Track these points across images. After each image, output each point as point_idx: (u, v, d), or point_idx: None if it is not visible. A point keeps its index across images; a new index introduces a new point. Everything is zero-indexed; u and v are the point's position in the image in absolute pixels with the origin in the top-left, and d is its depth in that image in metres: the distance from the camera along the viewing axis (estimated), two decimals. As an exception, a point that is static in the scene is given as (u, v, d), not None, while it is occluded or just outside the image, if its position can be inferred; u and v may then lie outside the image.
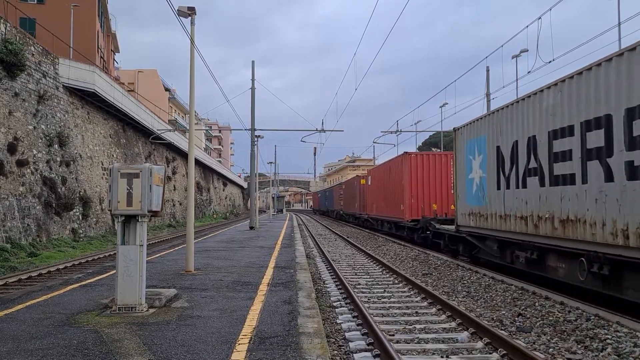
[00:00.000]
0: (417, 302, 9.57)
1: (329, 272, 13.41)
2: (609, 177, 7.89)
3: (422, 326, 7.63)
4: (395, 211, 23.10)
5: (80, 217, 23.87)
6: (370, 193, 30.57)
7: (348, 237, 26.48)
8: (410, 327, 7.60)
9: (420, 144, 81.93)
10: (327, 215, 66.12)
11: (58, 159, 22.42)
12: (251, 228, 28.16)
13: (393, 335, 7.10)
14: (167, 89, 64.98)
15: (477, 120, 13.57)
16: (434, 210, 20.45)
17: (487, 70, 27.77)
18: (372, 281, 12.11)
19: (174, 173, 45.49)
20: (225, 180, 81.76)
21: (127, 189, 6.43)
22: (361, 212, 35.66)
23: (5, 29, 19.16)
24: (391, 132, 38.12)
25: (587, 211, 8.41)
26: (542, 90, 10.02)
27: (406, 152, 22.06)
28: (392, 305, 9.31)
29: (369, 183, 30.93)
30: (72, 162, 23.70)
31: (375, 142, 47.33)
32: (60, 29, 29.61)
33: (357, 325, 7.59)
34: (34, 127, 20.70)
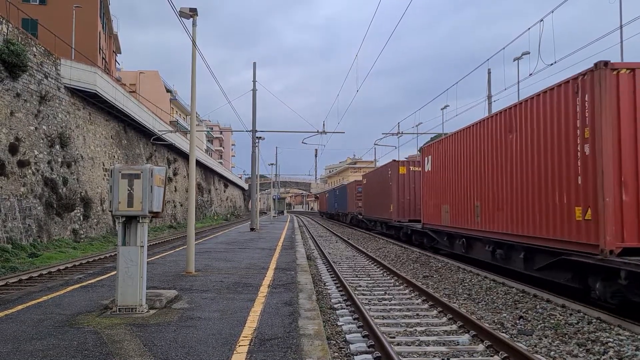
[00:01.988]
0: (418, 304, 9.56)
1: (330, 274, 13.41)
2: None
3: (423, 328, 7.61)
4: (556, 226, 9.32)
5: (81, 217, 23.88)
6: (432, 187, 17.79)
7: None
8: (411, 329, 7.58)
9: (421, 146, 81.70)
10: (336, 219, 55.72)
11: (59, 159, 22.44)
12: (252, 230, 28.18)
13: (394, 337, 7.09)
14: (168, 90, 65.11)
15: None
16: None
17: (489, 73, 27.76)
18: (373, 283, 12.10)
19: (175, 174, 45.52)
20: (226, 182, 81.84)
21: (128, 190, 6.42)
22: (400, 219, 23.51)
23: (7, 29, 19.19)
24: (392, 134, 38.16)
25: None
26: None
27: (603, 62, 8.11)
28: (393, 307, 9.29)
29: (428, 169, 18.40)
30: (73, 163, 23.72)
31: (376, 144, 47.47)
32: (62, 29, 29.69)
33: (358, 327, 7.58)
34: (36, 128, 20.72)
